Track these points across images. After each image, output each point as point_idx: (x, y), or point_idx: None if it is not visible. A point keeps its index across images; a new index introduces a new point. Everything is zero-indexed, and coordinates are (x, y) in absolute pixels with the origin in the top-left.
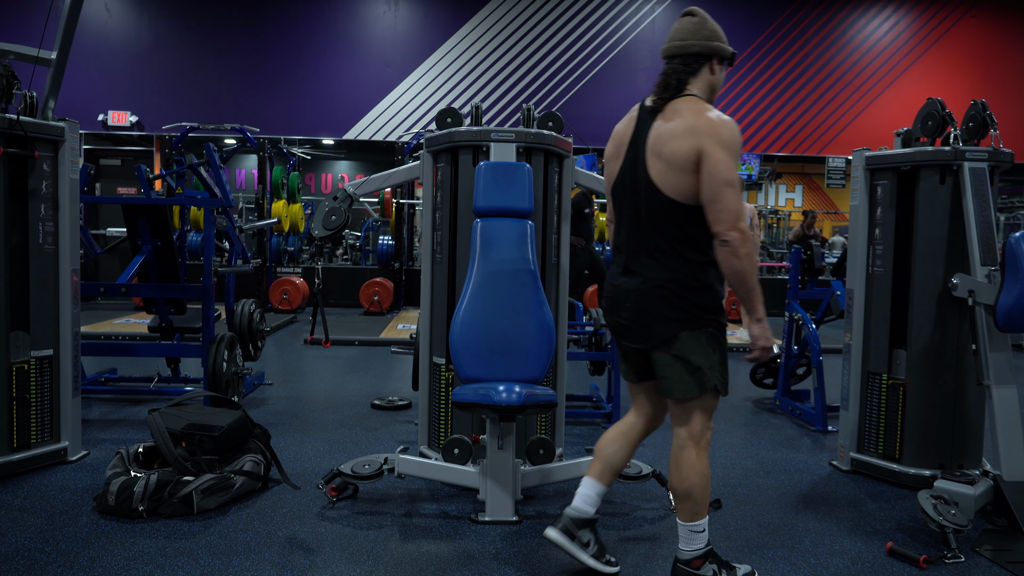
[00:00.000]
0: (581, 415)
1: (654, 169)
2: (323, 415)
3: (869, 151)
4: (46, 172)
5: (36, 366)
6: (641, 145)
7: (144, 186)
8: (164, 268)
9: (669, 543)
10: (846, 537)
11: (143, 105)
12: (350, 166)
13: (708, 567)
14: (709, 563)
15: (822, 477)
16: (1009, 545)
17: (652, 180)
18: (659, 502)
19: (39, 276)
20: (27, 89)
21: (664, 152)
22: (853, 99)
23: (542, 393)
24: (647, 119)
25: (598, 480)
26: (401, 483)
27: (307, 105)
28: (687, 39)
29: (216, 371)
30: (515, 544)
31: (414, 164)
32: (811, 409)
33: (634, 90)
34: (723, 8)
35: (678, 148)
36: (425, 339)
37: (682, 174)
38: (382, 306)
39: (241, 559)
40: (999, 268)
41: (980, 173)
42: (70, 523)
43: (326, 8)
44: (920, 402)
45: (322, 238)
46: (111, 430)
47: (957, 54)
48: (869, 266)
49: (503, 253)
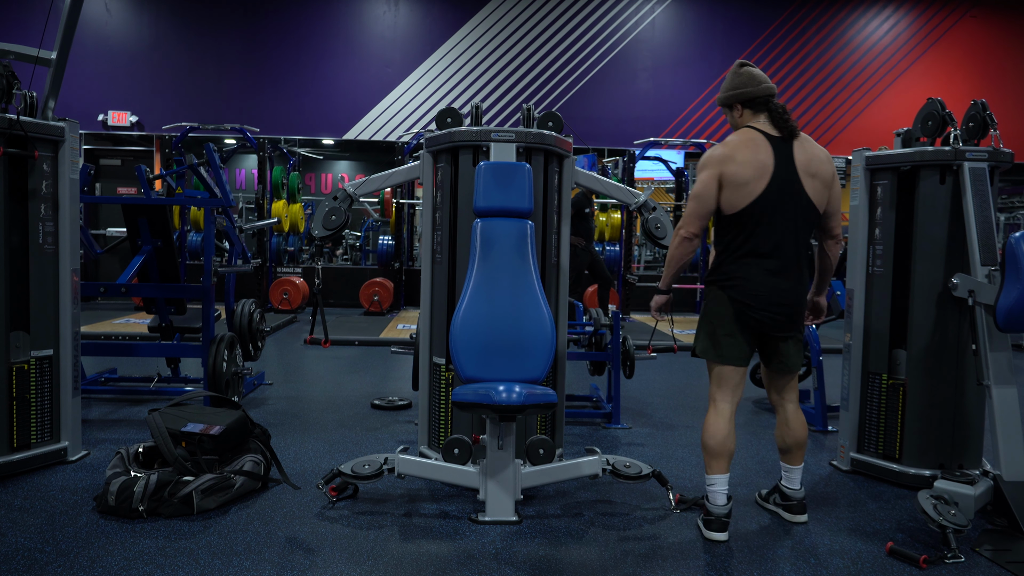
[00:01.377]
0: (581, 415)
1: (809, 187)
2: (323, 415)
3: (869, 151)
4: (46, 172)
5: (36, 366)
6: (792, 167)
7: (144, 186)
8: (164, 268)
9: (669, 543)
10: (846, 537)
11: (143, 105)
12: (350, 166)
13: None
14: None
15: (822, 477)
16: (1009, 545)
17: (809, 196)
18: (659, 502)
19: (39, 276)
20: (27, 89)
21: (818, 173)
22: (853, 99)
23: (542, 393)
24: (782, 146)
25: (727, 472)
26: (401, 483)
27: (307, 105)
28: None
29: (216, 371)
30: (515, 544)
31: (414, 164)
32: (811, 409)
33: (634, 90)
34: (723, 8)
35: (826, 170)
36: (425, 339)
37: (826, 190)
38: (382, 306)
39: (241, 559)
40: (999, 268)
41: (980, 173)
42: (70, 523)
43: (326, 8)
44: (920, 402)
45: (322, 238)
46: (111, 430)
47: (957, 54)
48: (869, 266)
49: (503, 253)
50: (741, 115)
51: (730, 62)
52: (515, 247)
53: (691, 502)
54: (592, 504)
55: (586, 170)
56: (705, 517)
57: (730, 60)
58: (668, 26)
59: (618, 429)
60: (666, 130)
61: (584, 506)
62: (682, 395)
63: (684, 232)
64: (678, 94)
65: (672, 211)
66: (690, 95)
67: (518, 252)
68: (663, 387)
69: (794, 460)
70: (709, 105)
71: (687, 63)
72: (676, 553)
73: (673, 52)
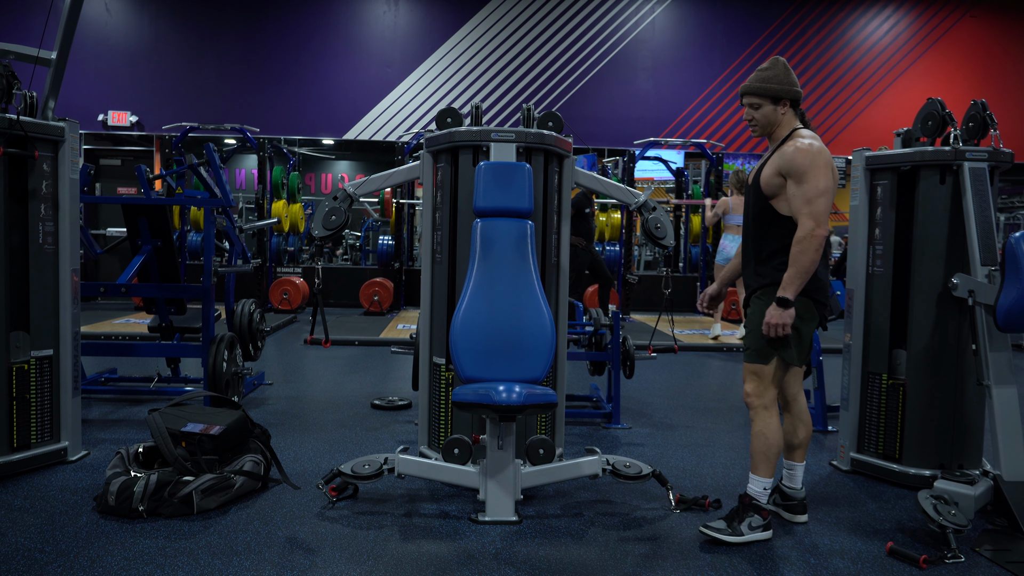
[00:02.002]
0: (581, 415)
1: None
2: (323, 415)
3: (869, 151)
4: (46, 172)
5: (36, 366)
6: None
7: (144, 186)
8: (164, 268)
9: (669, 543)
10: (846, 537)
11: (143, 105)
12: (350, 166)
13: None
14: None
15: (822, 477)
16: (1009, 545)
17: None
18: (659, 502)
19: (39, 276)
20: (27, 89)
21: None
22: (853, 99)
23: (542, 393)
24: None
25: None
26: (401, 483)
27: (307, 105)
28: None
29: (216, 371)
30: (515, 544)
31: (414, 164)
32: (811, 409)
33: (634, 90)
34: (723, 8)
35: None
36: (425, 339)
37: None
38: (382, 306)
39: (241, 559)
40: (999, 268)
41: (980, 173)
42: (70, 523)
43: (326, 8)
44: (920, 402)
45: (322, 238)
46: (111, 430)
47: (957, 54)
48: (869, 266)
49: (503, 253)
50: (784, 113)
51: (730, 62)
52: (515, 247)
53: (691, 502)
54: (592, 504)
55: (586, 170)
56: (787, 503)
57: (730, 60)
58: (668, 26)
59: (618, 429)
60: (666, 130)
61: (584, 506)
62: (682, 395)
63: (823, 231)
64: (678, 94)
65: (672, 211)
66: (690, 95)
67: (518, 252)
68: (663, 387)
69: (800, 457)
70: (709, 105)
71: (687, 63)
72: (676, 553)
73: (673, 52)
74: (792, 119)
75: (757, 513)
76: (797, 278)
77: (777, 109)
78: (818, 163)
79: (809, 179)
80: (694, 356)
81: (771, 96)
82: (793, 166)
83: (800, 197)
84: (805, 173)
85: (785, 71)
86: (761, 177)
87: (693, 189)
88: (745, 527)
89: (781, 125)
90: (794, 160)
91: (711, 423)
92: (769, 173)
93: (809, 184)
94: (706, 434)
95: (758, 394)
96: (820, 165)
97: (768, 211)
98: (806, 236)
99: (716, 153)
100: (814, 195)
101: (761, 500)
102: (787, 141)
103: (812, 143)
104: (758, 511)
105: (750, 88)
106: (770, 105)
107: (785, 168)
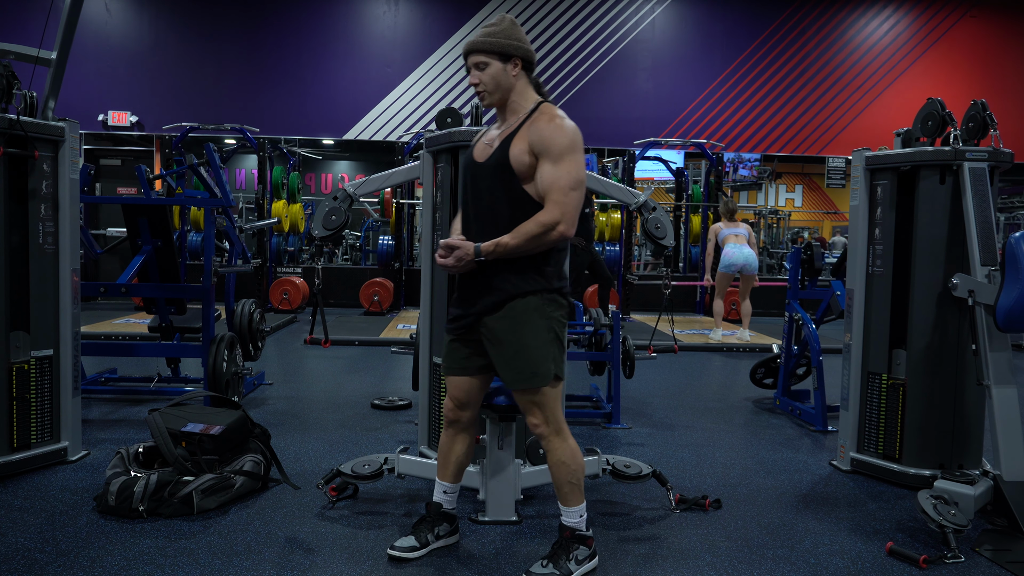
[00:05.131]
0: (581, 415)
1: None
2: (323, 415)
3: (869, 151)
4: (46, 172)
5: (36, 366)
6: None
7: (144, 186)
8: (164, 268)
9: (669, 543)
10: (846, 537)
11: (143, 105)
12: (350, 166)
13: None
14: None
15: (822, 477)
16: (1009, 545)
17: None
18: (659, 502)
19: (39, 276)
20: (27, 89)
21: None
22: (853, 99)
23: None
24: None
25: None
26: (401, 483)
27: (307, 105)
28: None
29: (216, 371)
30: (515, 544)
31: (414, 164)
32: (811, 409)
33: (634, 90)
34: (723, 8)
35: None
36: (425, 339)
37: None
38: (382, 306)
39: (241, 559)
40: (999, 268)
41: (980, 173)
42: (70, 523)
43: (326, 8)
44: (920, 402)
45: (322, 238)
46: (111, 430)
47: (957, 54)
48: (869, 266)
49: None
50: (516, 75)
51: (730, 62)
52: None
53: (691, 502)
54: (592, 504)
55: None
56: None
57: (730, 60)
58: (668, 26)
59: (618, 429)
60: (666, 130)
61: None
62: (682, 395)
63: (568, 232)
64: (678, 94)
65: (672, 211)
66: (690, 95)
67: None
68: (663, 387)
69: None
70: (709, 105)
71: (687, 63)
72: (676, 553)
73: (673, 52)
74: (527, 86)
75: (582, 544)
76: (509, 253)
77: (507, 69)
78: (577, 147)
79: (566, 163)
80: (694, 356)
81: (499, 52)
82: (552, 144)
83: (552, 181)
84: (563, 156)
85: (512, 26)
86: (511, 155)
87: (693, 189)
88: (572, 564)
89: (515, 90)
90: (553, 137)
91: (711, 423)
92: (520, 150)
93: (565, 169)
94: (706, 434)
95: (546, 421)
96: (578, 151)
97: (523, 197)
98: (550, 226)
99: (716, 153)
100: (569, 185)
101: (582, 527)
102: (537, 115)
103: (570, 123)
104: (582, 541)
105: (475, 44)
106: (499, 63)
107: (539, 145)
